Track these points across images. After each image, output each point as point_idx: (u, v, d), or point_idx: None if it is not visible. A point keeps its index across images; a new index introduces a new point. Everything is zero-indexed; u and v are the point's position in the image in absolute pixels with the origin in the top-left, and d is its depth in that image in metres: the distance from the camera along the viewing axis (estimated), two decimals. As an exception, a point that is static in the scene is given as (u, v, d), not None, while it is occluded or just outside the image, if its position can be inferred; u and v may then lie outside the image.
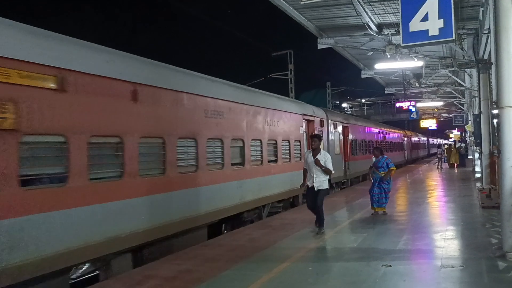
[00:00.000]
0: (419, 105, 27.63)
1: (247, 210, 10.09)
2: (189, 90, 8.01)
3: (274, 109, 11.73)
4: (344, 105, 49.51)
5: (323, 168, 8.14)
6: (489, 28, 8.89)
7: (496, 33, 6.22)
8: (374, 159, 10.73)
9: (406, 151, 37.50)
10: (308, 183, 8.38)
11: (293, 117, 13.04)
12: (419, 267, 6.03)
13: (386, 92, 28.26)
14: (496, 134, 9.24)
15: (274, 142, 11.53)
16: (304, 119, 13.80)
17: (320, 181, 8.23)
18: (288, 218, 10.47)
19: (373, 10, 11.45)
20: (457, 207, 11.28)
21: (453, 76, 19.40)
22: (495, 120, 10.58)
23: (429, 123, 42.70)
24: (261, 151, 10.73)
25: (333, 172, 8.41)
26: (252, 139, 10.32)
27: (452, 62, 15.90)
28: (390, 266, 5.86)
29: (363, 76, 20.03)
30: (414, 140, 44.82)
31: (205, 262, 6.45)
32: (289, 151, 12.41)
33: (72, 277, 5.88)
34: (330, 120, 16.48)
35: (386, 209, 10.35)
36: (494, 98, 8.39)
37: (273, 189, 11.28)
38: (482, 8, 10.40)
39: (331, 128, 16.34)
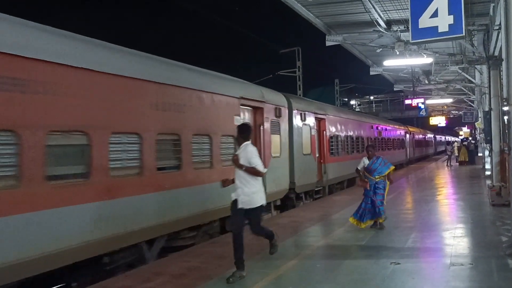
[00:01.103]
0: (428, 102, 27.49)
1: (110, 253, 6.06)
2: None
3: (173, 85, 7.29)
4: (352, 102, 49.29)
5: (244, 168, 5.55)
6: (499, 24, 8.79)
7: (507, 29, 6.15)
8: (365, 161, 8.32)
9: (408, 150, 33.38)
10: (232, 194, 5.74)
11: (221, 101, 8.59)
12: (428, 265, 6.00)
13: (395, 89, 28.09)
14: (506, 131, 9.15)
15: (175, 138, 7.33)
16: (243, 105, 9.56)
17: (248, 195, 5.58)
18: (296, 216, 10.46)
19: (382, 6, 11.38)
20: (467, 205, 11.20)
21: (463, 73, 19.23)
22: (505, 117, 10.47)
23: (439, 120, 42.42)
24: (141, 152, 6.49)
25: (262, 171, 5.64)
26: (115, 133, 6.11)
27: (462, 59, 15.77)
28: (399, 264, 5.83)
29: (371, 73, 19.93)
30: (419, 137, 41.01)
31: (213, 260, 6.47)
32: (211, 153, 8.18)
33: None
34: (296, 110, 12.52)
35: (383, 218, 8.16)
36: (504, 95, 8.31)
37: (169, 213, 7.03)
38: (493, 4, 10.29)
39: (296, 120, 12.45)
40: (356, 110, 41.27)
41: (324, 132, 14.99)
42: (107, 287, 5.47)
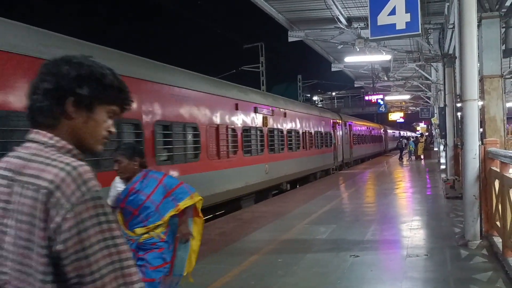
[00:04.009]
0: (387, 98, 28.20)
1: None
2: None
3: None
4: (315, 98, 49.98)
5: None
6: (453, 23, 9.11)
7: (460, 28, 6.36)
8: (118, 186, 3.59)
9: (339, 148, 22.91)
10: None
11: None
12: (386, 257, 6.17)
13: (355, 85, 28.66)
14: (459, 126, 9.53)
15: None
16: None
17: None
18: (260, 211, 10.49)
19: (343, 3, 11.52)
20: (423, 198, 11.60)
21: (420, 70, 19.84)
22: (459, 113, 10.90)
23: (397, 116, 43.72)
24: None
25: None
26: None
27: (419, 56, 16.24)
28: (358, 256, 5.96)
29: (333, 69, 20.22)
30: (360, 131, 30.30)
31: (174, 256, 6.38)
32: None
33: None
34: None
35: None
36: (458, 92, 8.65)
37: None
38: (447, 3, 10.64)
39: None
40: (319, 106, 41.38)
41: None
42: None
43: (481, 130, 6.73)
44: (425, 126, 50.61)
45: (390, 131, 52.07)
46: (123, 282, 1.10)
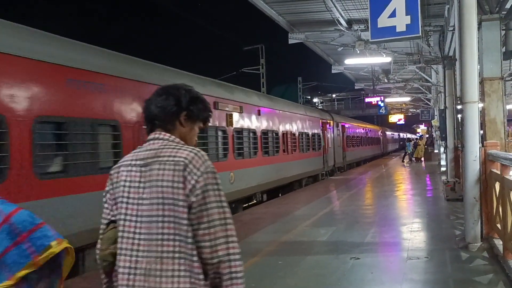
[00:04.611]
0: (387, 100, 28.23)
1: None
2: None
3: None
4: (315, 100, 49.99)
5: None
6: (453, 26, 9.11)
7: (460, 30, 6.36)
8: None
9: (330, 151, 20.94)
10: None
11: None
12: (386, 259, 6.16)
13: (356, 87, 28.67)
14: (460, 128, 9.53)
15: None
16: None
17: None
18: (259, 212, 10.49)
19: (343, 5, 11.54)
20: (423, 200, 11.59)
21: (420, 72, 19.85)
22: (459, 115, 10.89)
23: (397, 118, 43.73)
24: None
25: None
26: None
27: (419, 58, 16.25)
28: (358, 258, 5.95)
29: (333, 71, 20.23)
30: (355, 133, 28.49)
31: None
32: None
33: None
34: None
35: None
36: (458, 94, 8.65)
37: None
38: (448, 6, 10.65)
39: None
40: (319, 107, 41.32)
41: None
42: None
43: (481, 132, 6.74)
44: (426, 128, 50.59)
45: (388, 133, 51.19)
46: (225, 235, 1.66)
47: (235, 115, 11.35)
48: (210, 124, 9.50)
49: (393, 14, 6.91)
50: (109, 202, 1.79)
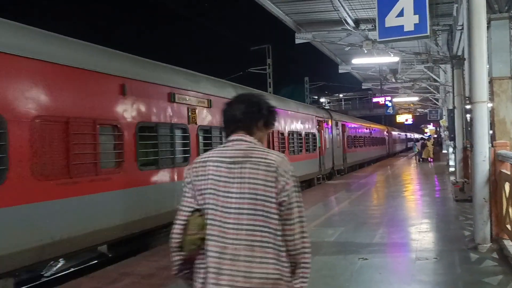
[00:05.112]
0: (395, 100, 28.08)
1: None
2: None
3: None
4: (322, 100, 49.89)
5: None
6: (462, 25, 9.05)
7: (469, 30, 6.32)
8: None
9: (327, 152, 19.46)
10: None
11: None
12: (394, 260, 6.13)
13: (363, 87, 28.57)
14: (469, 128, 9.45)
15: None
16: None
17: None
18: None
19: (350, 5, 11.51)
20: (432, 201, 11.51)
21: (428, 72, 19.74)
22: (468, 115, 10.80)
23: (405, 118, 43.48)
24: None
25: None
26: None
27: (427, 58, 16.16)
28: (367, 259, 5.92)
29: (340, 71, 20.18)
30: (357, 132, 26.55)
31: (182, 258, 6.38)
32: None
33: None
34: None
35: None
36: (467, 94, 8.59)
37: None
38: (456, 5, 10.58)
39: None
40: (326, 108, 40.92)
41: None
42: (72, 289, 5.29)
43: (490, 132, 6.68)
44: (434, 128, 50.27)
45: (395, 133, 49.15)
46: (301, 231, 2.00)
47: (201, 111, 9.20)
48: (163, 121, 7.66)
49: (401, 14, 6.88)
50: (191, 192, 2.02)
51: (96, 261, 7.24)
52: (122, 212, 6.84)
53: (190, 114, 8.80)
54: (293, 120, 15.50)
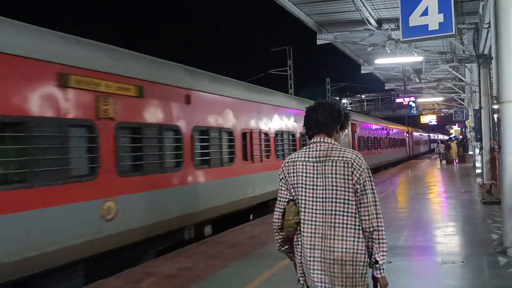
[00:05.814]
0: (419, 100, 27.63)
1: None
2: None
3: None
4: (344, 101, 49.47)
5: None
6: (489, 23, 8.83)
7: (496, 27, 6.17)
8: None
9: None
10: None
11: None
12: (419, 263, 6.01)
13: (386, 88, 28.13)
14: (496, 129, 9.20)
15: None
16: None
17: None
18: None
19: (372, 5, 11.37)
20: (458, 203, 11.26)
21: (453, 71, 19.32)
22: (495, 115, 10.52)
23: (429, 119, 42.72)
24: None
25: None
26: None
27: (452, 57, 15.82)
28: (391, 262, 5.81)
29: (363, 71, 19.93)
30: (370, 132, 24.52)
31: (204, 260, 6.42)
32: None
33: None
34: None
35: None
36: (494, 93, 8.36)
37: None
38: (482, 2, 10.34)
39: None
40: (348, 109, 40.37)
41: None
42: (97, 289, 5.39)
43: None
44: (459, 128, 49.20)
45: (416, 134, 46.39)
46: (375, 212, 2.43)
47: (126, 101, 6.38)
48: (58, 115, 5.47)
49: (425, 13, 6.77)
50: (285, 186, 2.57)
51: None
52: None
53: (100, 106, 5.91)
54: (282, 118, 12.27)
